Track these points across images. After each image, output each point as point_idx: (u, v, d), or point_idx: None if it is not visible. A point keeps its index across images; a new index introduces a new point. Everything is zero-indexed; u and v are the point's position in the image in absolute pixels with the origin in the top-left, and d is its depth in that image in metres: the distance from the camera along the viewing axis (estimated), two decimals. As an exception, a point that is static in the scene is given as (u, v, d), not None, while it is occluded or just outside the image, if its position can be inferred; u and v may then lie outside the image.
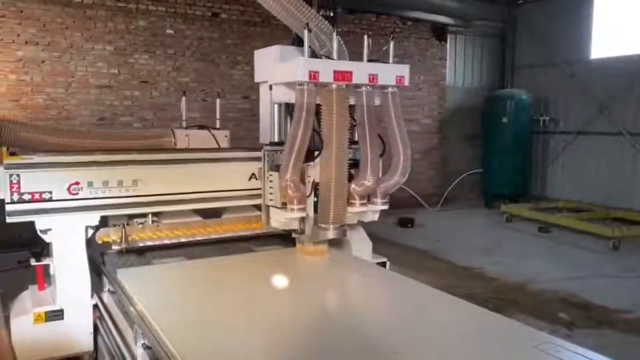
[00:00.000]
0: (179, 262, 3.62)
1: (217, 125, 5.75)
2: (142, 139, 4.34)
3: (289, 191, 3.36)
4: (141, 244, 3.70)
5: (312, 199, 3.55)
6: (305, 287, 3.36)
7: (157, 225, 3.85)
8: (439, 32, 13.10)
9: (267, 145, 3.61)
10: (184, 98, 6.20)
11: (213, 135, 4.32)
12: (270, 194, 3.56)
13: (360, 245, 4.14)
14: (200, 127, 4.96)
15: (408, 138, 3.55)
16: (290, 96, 3.40)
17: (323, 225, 3.45)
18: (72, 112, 9.35)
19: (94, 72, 9.48)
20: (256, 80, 3.81)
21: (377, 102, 3.56)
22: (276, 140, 3.60)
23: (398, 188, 3.65)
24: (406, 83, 3.51)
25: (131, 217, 3.78)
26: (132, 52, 9.76)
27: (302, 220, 3.55)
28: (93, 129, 9.14)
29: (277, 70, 3.46)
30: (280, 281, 3.35)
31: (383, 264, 4.14)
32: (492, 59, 14.07)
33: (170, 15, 10.02)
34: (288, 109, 3.56)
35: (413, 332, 2.55)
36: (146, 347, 2.66)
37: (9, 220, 3.19)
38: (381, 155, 3.60)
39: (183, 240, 3.85)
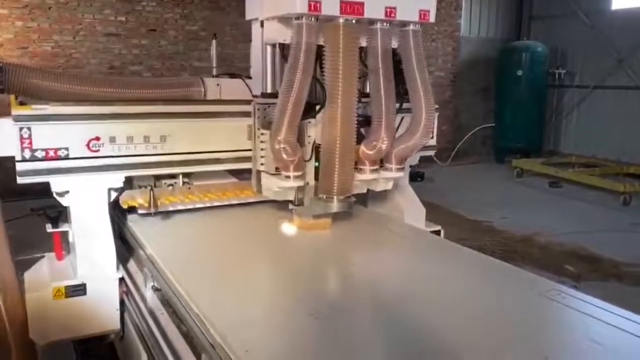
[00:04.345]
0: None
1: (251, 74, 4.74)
2: (168, 87, 3.49)
3: (284, 155, 2.51)
4: (171, 208, 3.14)
5: (312, 164, 2.72)
6: (321, 241, 2.90)
7: (189, 187, 3.30)
8: (455, -20, 11.92)
9: (257, 97, 2.73)
10: (214, 41, 4.97)
11: (247, 84, 3.39)
12: (262, 157, 2.75)
13: (413, 212, 3.48)
14: (232, 75, 4.00)
15: (432, 89, 2.64)
16: (285, 35, 2.58)
17: (325, 196, 2.61)
18: (80, 60, 8.72)
19: (102, 20, 8.79)
20: (247, 17, 2.90)
21: (394, 44, 2.65)
22: (269, 90, 2.75)
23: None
24: (432, 19, 2.60)
25: (159, 178, 3.30)
26: (140, -1, 9.03)
27: (300, 189, 2.72)
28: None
29: (269, 2, 2.53)
30: (293, 231, 2.92)
31: (437, 233, 3.47)
32: (509, 9, 12.94)
33: (179, -40, 9.26)
34: (283, 51, 2.66)
35: (425, 280, 2.41)
36: (155, 289, 2.57)
37: (20, 181, 2.66)
38: (398, 111, 2.71)
39: (217, 204, 3.26)
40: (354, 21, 2.44)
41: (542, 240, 6.63)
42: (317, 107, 2.58)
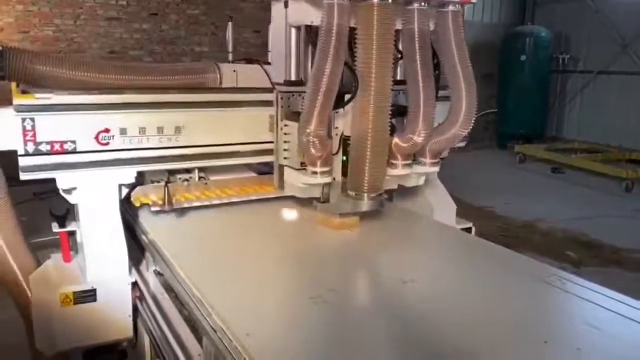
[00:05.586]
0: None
1: (269, 59, 4.30)
2: (181, 74, 3.17)
3: (312, 149, 2.22)
4: (186, 205, 2.84)
5: (339, 158, 2.42)
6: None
7: (205, 183, 3.00)
8: (459, -35, 11.48)
9: (280, 85, 2.43)
10: (230, 24, 4.42)
11: (265, 71, 3.07)
12: (285, 150, 2.44)
13: (444, 208, 3.20)
14: (248, 60, 3.64)
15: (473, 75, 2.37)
16: (313, 16, 2.26)
17: (354, 194, 2.33)
18: (82, 44, 8.59)
19: (102, 4, 8.62)
20: (267, -4, 2.59)
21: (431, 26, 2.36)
22: (293, 78, 2.43)
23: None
24: (474, -1, 2.30)
25: (173, 172, 2.98)
26: (141, -18, 8.84)
27: (327, 185, 2.44)
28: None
29: (296, -21, 2.24)
30: (293, 216, 2.79)
31: (468, 230, 3.20)
32: (513, -7, 12.58)
33: (180, -57, 9.03)
34: (310, 34, 2.36)
35: (426, 265, 2.36)
36: (158, 274, 2.50)
37: (23, 177, 2.40)
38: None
39: (235, 199, 2.96)
40: (389, 1, 2.14)
41: (544, 226, 6.50)
42: (347, 97, 2.30)
